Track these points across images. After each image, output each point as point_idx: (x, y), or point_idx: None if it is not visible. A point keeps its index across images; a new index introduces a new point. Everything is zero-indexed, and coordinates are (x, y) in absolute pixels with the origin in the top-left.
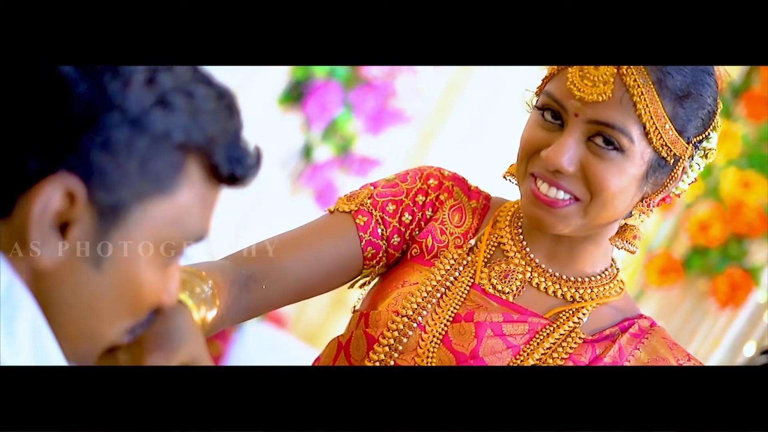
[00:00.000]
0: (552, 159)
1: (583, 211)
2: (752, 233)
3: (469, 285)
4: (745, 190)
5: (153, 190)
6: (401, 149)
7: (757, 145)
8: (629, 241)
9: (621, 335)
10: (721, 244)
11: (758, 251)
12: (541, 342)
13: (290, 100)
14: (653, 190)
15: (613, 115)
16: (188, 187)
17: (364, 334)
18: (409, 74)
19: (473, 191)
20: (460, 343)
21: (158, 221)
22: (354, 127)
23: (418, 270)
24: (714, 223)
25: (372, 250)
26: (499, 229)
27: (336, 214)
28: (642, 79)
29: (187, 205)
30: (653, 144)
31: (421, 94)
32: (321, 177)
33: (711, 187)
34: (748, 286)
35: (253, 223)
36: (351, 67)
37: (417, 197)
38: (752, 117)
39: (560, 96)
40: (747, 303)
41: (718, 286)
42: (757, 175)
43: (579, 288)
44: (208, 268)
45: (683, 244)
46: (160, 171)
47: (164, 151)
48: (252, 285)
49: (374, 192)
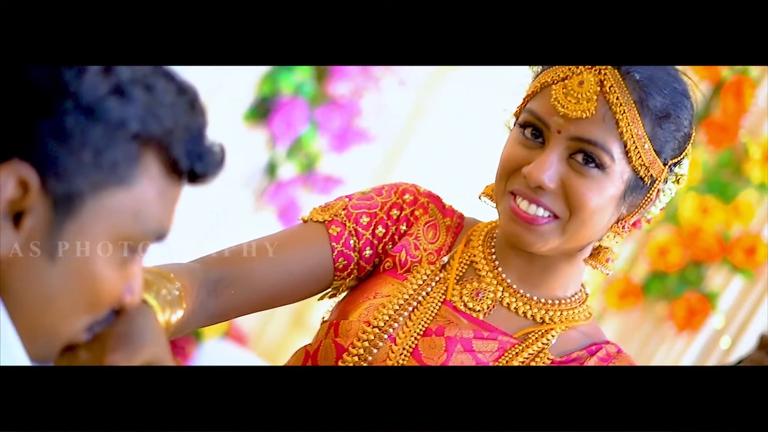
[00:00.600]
0: (534, 175)
1: (562, 229)
2: (710, 259)
3: (441, 301)
4: (704, 216)
5: (109, 181)
6: (365, 168)
7: (716, 171)
8: (603, 263)
9: (588, 358)
10: (680, 269)
11: (716, 276)
12: (509, 360)
13: (256, 117)
14: (628, 212)
15: (595, 132)
16: (146, 180)
17: (334, 344)
18: (374, 93)
19: (447, 209)
20: (430, 357)
21: (115, 214)
22: (319, 145)
23: (391, 283)
24: (673, 248)
25: (343, 261)
26: (472, 248)
27: (309, 224)
28: (624, 97)
29: (146, 199)
30: (633, 163)
31: (386, 113)
32: (284, 195)
33: (670, 213)
34: (706, 311)
35: (216, 239)
36: (317, 85)
37: (391, 211)
38: (712, 144)
39: (543, 113)
40: (704, 328)
41: (676, 310)
42: (715, 201)
43: (549, 310)
44: (176, 269)
45: (642, 268)
46: (116, 161)
47: (119, 141)
48: (221, 289)
49: (349, 204)
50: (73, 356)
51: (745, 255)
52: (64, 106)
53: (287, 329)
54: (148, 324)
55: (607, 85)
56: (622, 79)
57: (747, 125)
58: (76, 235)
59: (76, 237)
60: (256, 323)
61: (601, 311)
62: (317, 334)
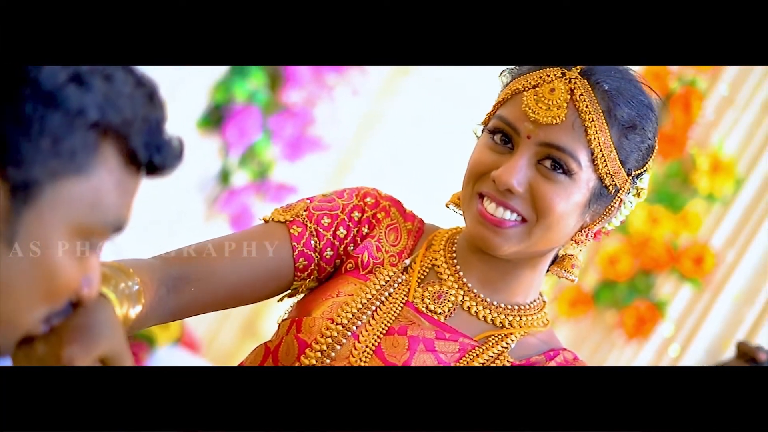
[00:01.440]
0: (503, 178)
1: (528, 233)
2: (659, 267)
3: (403, 302)
4: (653, 226)
5: (67, 170)
6: (318, 177)
7: (664, 182)
8: (568, 270)
9: (547, 363)
10: (629, 278)
11: (665, 285)
12: (470, 361)
13: (209, 124)
14: (592, 220)
15: (564, 138)
16: (105, 170)
17: (296, 339)
18: (327, 102)
19: (408, 214)
20: (393, 354)
21: (73, 203)
22: (272, 153)
23: (353, 282)
24: (622, 258)
25: (304, 261)
26: (433, 251)
27: (270, 224)
28: (593, 106)
29: (104, 189)
30: (599, 171)
31: (338, 121)
32: (237, 202)
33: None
34: (655, 319)
35: (169, 246)
36: (271, 93)
37: (353, 213)
38: (661, 154)
39: (514, 119)
40: (654, 335)
41: (626, 318)
42: (664, 210)
43: (509, 315)
44: (136, 265)
45: (593, 277)
46: (75, 150)
47: (78, 129)
48: (180, 286)
49: (311, 205)
50: (30, 349)
51: (694, 264)
52: (23, 92)
53: (239, 336)
54: (106, 317)
55: (577, 94)
56: (591, 88)
57: (695, 137)
58: (33, 223)
59: (34, 225)
60: (208, 330)
61: (553, 319)
62: (277, 332)
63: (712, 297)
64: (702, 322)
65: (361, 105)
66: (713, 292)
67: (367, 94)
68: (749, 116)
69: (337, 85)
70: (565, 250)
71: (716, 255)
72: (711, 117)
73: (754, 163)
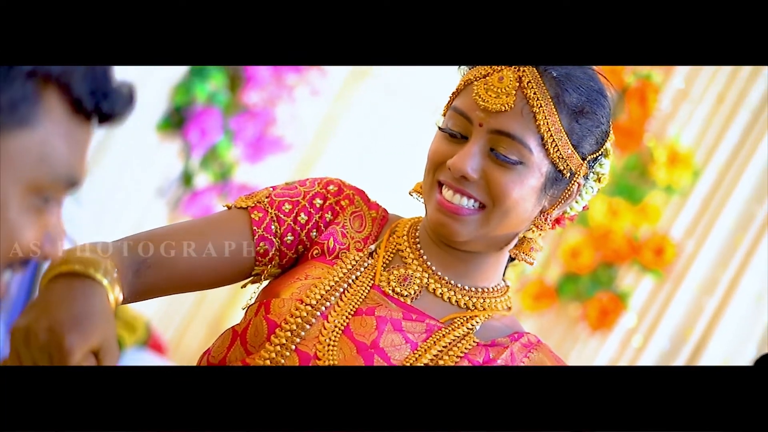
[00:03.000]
0: (457, 165)
1: (486, 219)
2: (620, 259)
3: (370, 285)
4: (613, 218)
5: (10, 123)
6: (280, 177)
7: (623, 174)
8: (527, 252)
9: (512, 344)
10: (592, 270)
11: (626, 276)
12: (437, 341)
13: (170, 126)
14: (551, 205)
15: (513, 125)
16: (49, 120)
17: (265, 320)
18: (287, 102)
19: (372, 203)
20: (362, 333)
21: (20, 157)
22: (233, 154)
23: (321, 267)
24: (584, 250)
25: (264, 246)
26: (397, 237)
27: (233, 210)
28: (541, 92)
29: (51, 141)
30: (550, 156)
31: (299, 122)
32: (199, 204)
33: (580, 215)
34: (618, 310)
35: None
36: (231, 94)
37: (314, 200)
38: (619, 148)
39: (466, 108)
40: (617, 327)
41: (589, 311)
42: (624, 203)
43: (472, 297)
44: (107, 248)
45: (555, 270)
46: (14, 101)
47: (15, 81)
48: (143, 270)
49: (273, 192)
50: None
51: (654, 255)
52: None
53: (205, 338)
54: (102, 305)
55: (525, 81)
56: (539, 76)
57: (651, 129)
58: None
59: None
60: (174, 332)
61: (517, 313)
62: (245, 316)
63: (673, 287)
64: (664, 312)
65: (321, 105)
66: (674, 282)
67: (326, 94)
68: (704, 108)
69: (296, 86)
70: (525, 235)
71: (676, 246)
72: (667, 110)
73: (711, 154)
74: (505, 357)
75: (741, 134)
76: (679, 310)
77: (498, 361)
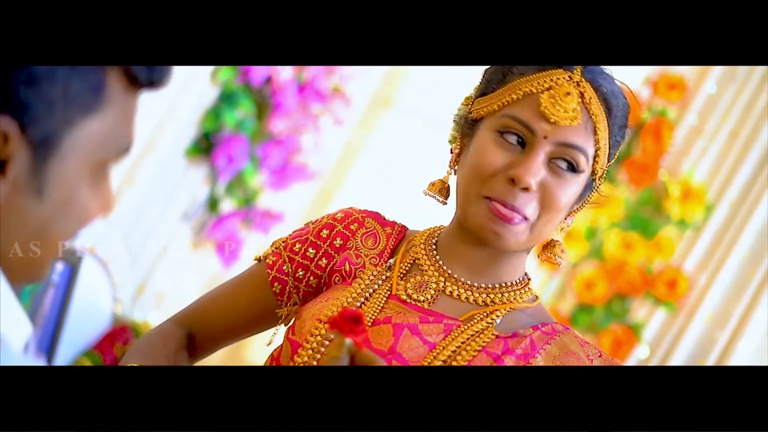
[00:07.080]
0: (525, 178)
1: (530, 229)
2: (634, 291)
3: (387, 296)
4: (627, 251)
5: (81, 114)
6: (303, 204)
7: (637, 208)
8: (558, 255)
9: (534, 332)
10: (605, 302)
11: (640, 309)
12: (455, 338)
13: (198, 152)
14: (572, 208)
15: (579, 138)
16: (113, 103)
17: (289, 341)
18: (312, 131)
19: (388, 222)
20: (379, 342)
21: (90, 142)
22: (258, 181)
23: (341, 288)
24: (598, 282)
25: (279, 286)
26: (414, 247)
27: (257, 263)
28: (599, 108)
29: (114, 121)
30: (597, 165)
31: (323, 150)
32: (224, 229)
33: (595, 248)
34: (631, 342)
35: (158, 273)
36: (258, 122)
37: (321, 232)
38: (633, 182)
39: (529, 119)
40: (630, 358)
41: (603, 342)
42: (637, 236)
43: (491, 293)
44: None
45: (569, 302)
46: (85, 93)
47: (84, 73)
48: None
49: (288, 237)
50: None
51: (667, 288)
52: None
53: (226, 358)
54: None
55: (587, 97)
56: (595, 91)
57: (666, 165)
58: (58, 170)
59: (59, 172)
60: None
61: None
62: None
63: (685, 320)
64: (676, 344)
65: (344, 134)
66: (687, 315)
67: (349, 123)
68: (717, 145)
69: (321, 115)
70: (553, 237)
71: (689, 279)
72: (681, 146)
73: (723, 189)
74: (524, 346)
75: (753, 170)
76: (691, 343)
77: (517, 350)
